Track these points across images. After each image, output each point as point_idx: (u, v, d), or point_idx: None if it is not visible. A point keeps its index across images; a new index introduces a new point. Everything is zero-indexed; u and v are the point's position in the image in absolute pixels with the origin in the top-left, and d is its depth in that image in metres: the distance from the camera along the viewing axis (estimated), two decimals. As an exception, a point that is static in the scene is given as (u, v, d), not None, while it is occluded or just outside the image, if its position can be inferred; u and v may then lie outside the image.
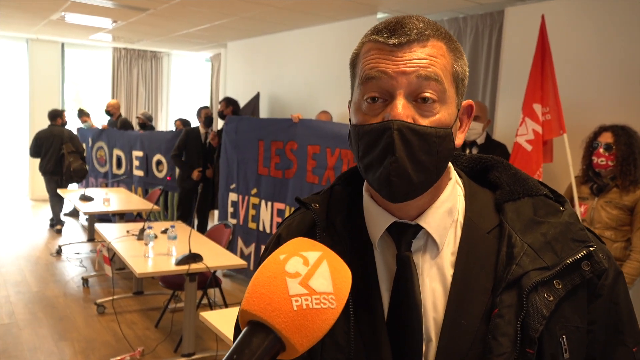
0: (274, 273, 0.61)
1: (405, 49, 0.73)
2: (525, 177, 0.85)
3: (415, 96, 0.74)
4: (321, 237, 0.82)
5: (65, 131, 7.24)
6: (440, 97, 0.74)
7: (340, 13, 5.31)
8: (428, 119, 0.74)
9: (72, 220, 7.88)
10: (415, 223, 0.80)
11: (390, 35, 0.74)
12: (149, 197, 6.30)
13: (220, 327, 2.45)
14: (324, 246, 0.67)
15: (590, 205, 2.99)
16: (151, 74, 10.11)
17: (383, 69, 0.73)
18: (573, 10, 3.68)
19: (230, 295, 4.79)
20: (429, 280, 0.80)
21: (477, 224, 0.82)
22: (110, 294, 4.74)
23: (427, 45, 0.74)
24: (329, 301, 0.60)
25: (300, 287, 0.60)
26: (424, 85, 0.73)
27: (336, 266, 0.64)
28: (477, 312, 0.76)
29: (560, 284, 0.74)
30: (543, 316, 0.72)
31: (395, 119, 0.72)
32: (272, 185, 4.91)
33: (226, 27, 6.51)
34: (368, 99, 0.75)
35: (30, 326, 4.16)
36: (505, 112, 4.16)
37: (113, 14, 6.19)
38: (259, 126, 5.10)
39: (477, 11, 4.61)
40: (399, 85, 0.73)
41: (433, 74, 0.73)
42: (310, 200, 0.88)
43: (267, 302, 0.59)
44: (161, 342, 3.92)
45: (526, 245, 0.77)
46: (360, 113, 0.77)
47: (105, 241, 4.00)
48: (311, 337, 0.59)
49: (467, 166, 0.91)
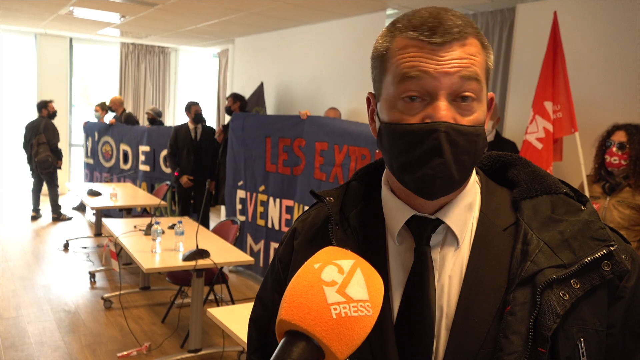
0: (310, 282, 0.61)
1: (446, 48, 0.71)
2: (544, 175, 0.83)
3: (455, 96, 0.72)
4: (334, 230, 0.82)
5: (43, 122, 7.29)
6: (478, 96, 0.74)
7: (349, 9, 5.28)
8: (467, 118, 0.73)
9: (79, 215, 7.91)
10: (436, 217, 0.79)
11: (431, 33, 0.71)
12: (156, 192, 6.31)
13: (227, 323, 2.44)
14: (355, 254, 0.67)
15: (602, 204, 2.95)
16: (159, 70, 10.11)
17: (425, 69, 0.71)
18: (585, 6, 3.63)
19: (237, 292, 4.78)
20: (445, 276, 0.79)
21: (493, 221, 0.81)
22: (117, 289, 4.75)
23: (467, 44, 0.73)
24: (366, 309, 0.61)
25: (338, 295, 0.60)
26: (465, 85, 0.72)
27: (369, 274, 0.64)
28: (489, 310, 0.75)
29: (578, 283, 0.72)
30: (557, 314, 0.70)
31: (440, 120, 0.71)
32: (280, 182, 4.90)
33: (234, 23, 6.49)
34: (406, 98, 0.73)
35: (37, 320, 4.16)
36: (516, 109, 4.12)
37: (121, 9, 6.18)
38: (266, 123, 5.09)
39: (488, 8, 4.57)
40: (441, 86, 0.71)
41: (474, 73, 0.72)
42: (325, 194, 0.88)
43: (307, 311, 0.59)
44: (168, 338, 3.92)
45: (542, 242, 0.75)
46: (395, 111, 0.75)
47: (113, 236, 4.00)
48: (351, 344, 0.59)
49: (486, 164, 0.90)
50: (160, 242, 3.62)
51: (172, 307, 4.34)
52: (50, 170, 7.32)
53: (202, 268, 3.42)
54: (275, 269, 0.93)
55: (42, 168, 7.21)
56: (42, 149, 7.15)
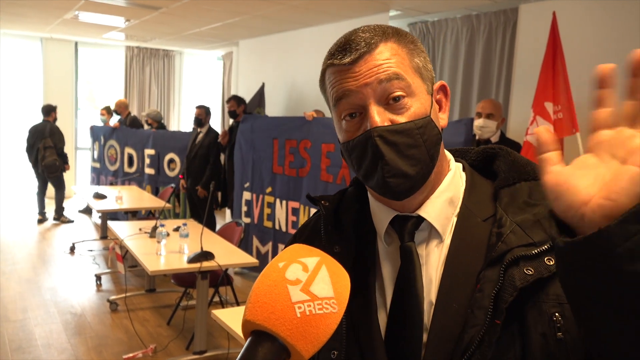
0: (274, 281, 0.61)
1: (360, 63, 0.77)
2: (524, 163, 0.85)
3: (386, 99, 0.77)
4: (326, 233, 0.86)
5: (48, 126, 7.34)
6: (408, 92, 0.78)
7: (353, 11, 5.29)
8: (404, 115, 0.77)
9: (85, 218, 7.94)
10: (416, 214, 0.82)
11: (342, 55, 0.77)
12: (161, 195, 6.33)
13: (231, 324, 2.45)
14: (320, 251, 0.67)
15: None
16: (163, 73, 10.15)
17: (348, 87, 0.77)
18: (586, 6, 3.63)
19: (241, 293, 4.79)
20: (431, 270, 0.81)
21: (474, 213, 0.83)
22: (123, 291, 4.77)
23: (377, 52, 0.77)
24: (331, 305, 0.61)
25: (302, 294, 0.60)
26: (389, 87, 0.76)
27: (335, 270, 0.64)
28: (467, 295, 0.76)
29: (552, 260, 0.72)
30: (515, 288, 0.71)
31: (372, 127, 0.76)
32: (287, 184, 4.91)
33: (238, 26, 6.51)
34: (346, 117, 0.79)
35: (43, 323, 4.19)
36: (519, 110, 4.12)
37: (126, 13, 6.22)
38: (273, 125, 5.10)
39: (491, 9, 4.57)
40: (366, 97, 0.77)
41: (393, 74, 0.76)
42: (320, 198, 0.92)
43: (270, 310, 0.59)
44: (173, 340, 3.94)
45: (515, 224, 0.76)
46: (343, 131, 0.81)
47: (118, 239, 4.02)
48: (316, 342, 0.59)
49: (475, 159, 0.92)
50: (165, 245, 3.63)
51: (178, 309, 4.36)
52: (57, 174, 7.37)
53: (207, 270, 3.43)
54: None
55: (49, 172, 7.26)
56: (48, 153, 7.20)
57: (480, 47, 4.68)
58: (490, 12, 4.59)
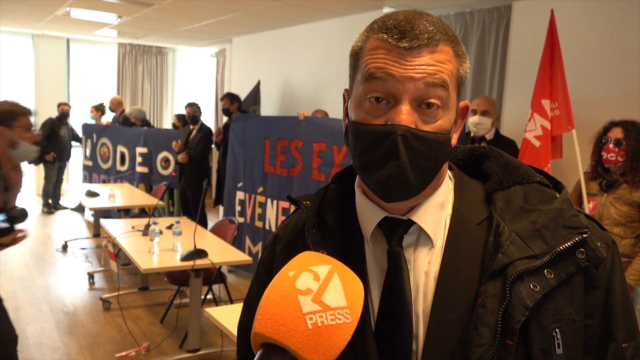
0: (284, 292, 0.59)
1: (414, 53, 0.71)
2: (517, 165, 0.83)
3: (420, 102, 0.72)
4: (310, 234, 0.82)
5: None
6: (444, 104, 0.74)
7: (346, 8, 5.28)
8: (430, 125, 0.73)
9: (77, 216, 7.90)
10: (407, 218, 0.79)
11: (400, 37, 0.71)
12: (154, 192, 6.30)
13: (225, 322, 2.44)
14: (332, 259, 0.65)
15: (599, 201, 2.95)
16: (156, 70, 10.10)
17: (390, 72, 0.72)
18: (581, 3, 3.63)
19: (235, 291, 4.78)
20: (420, 276, 0.78)
21: (467, 216, 0.80)
22: (116, 290, 4.74)
23: (437, 51, 0.72)
24: (344, 316, 0.58)
25: (313, 304, 0.58)
26: (431, 92, 0.72)
27: (347, 279, 0.62)
28: (464, 305, 0.74)
29: (552, 273, 0.71)
30: (526, 307, 0.69)
31: (399, 124, 0.71)
32: (278, 184, 4.89)
33: (231, 22, 6.48)
34: (372, 98, 0.74)
35: (35, 321, 4.16)
36: (513, 107, 4.12)
37: (118, 9, 6.18)
38: (265, 124, 5.08)
39: (484, 5, 4.56)
40: (405, 91, 0.71)
41: (441, 80, 0.72)
42: (302, 198, 0.88)
43: (281, 322, 0.57)
44: (166, 338, 3.92)
45: (514, 233, 0.75)
46: (361, 110, 0.75)
47: (111, 237, 4.00)
48: (329, 354, 0.57)
49: (461, 158, 0.90)
50: (158, 243, 3.62)
51: (171, 307, 4.34)
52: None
53: (200, 268, 3.41)
54: (260, 274, 0.93)
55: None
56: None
57: (473, 44, 4.68)
58: (484, 9, 4.59)
